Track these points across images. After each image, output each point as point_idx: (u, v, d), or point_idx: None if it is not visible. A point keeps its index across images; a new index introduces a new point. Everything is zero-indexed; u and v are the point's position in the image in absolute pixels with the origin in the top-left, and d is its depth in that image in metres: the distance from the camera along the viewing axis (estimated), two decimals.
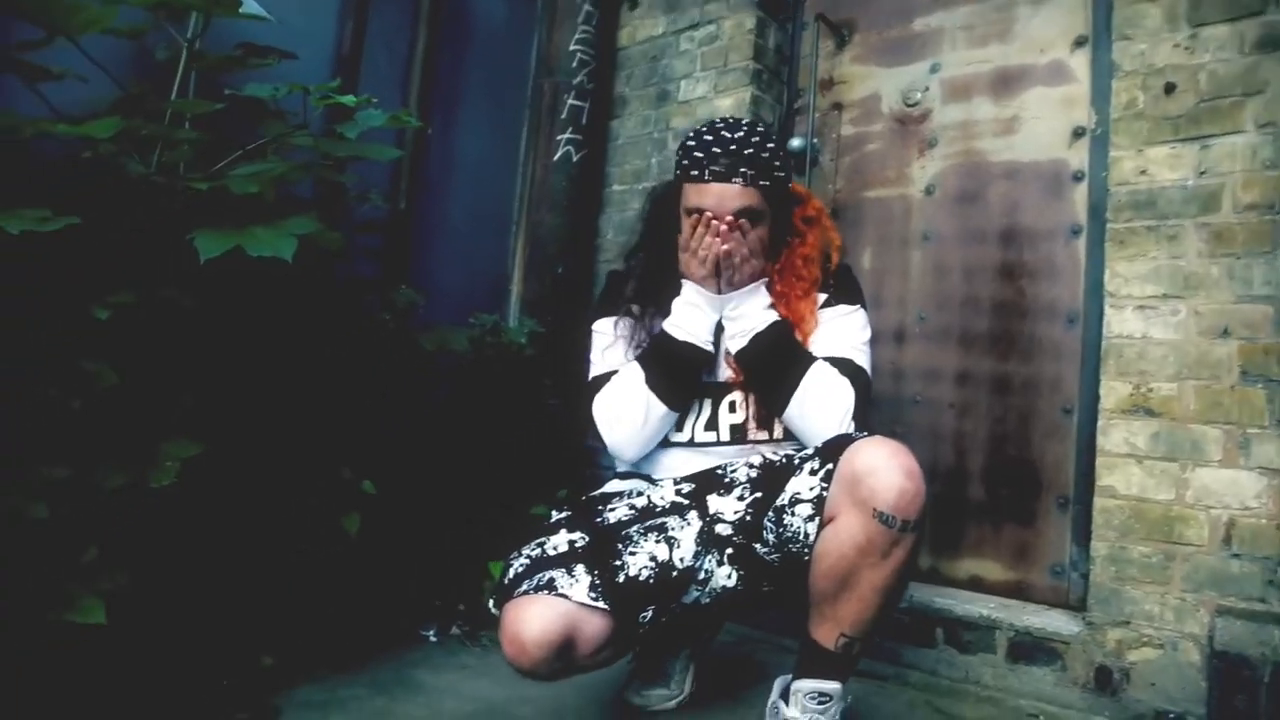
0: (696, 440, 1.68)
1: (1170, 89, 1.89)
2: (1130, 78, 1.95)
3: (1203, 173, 1.83)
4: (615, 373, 1.66)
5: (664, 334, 1.62)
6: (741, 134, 1.56)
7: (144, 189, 1.42)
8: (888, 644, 2.10)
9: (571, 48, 2.88)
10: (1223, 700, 1.64)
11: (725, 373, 1.68)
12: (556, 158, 2.82)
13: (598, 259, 2.93)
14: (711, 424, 1.68)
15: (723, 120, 1.60)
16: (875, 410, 2.40)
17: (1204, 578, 1.72)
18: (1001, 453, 2.20)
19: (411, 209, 2.71)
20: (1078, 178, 2.15)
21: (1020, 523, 2.14)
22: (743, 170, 1.54)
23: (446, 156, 2.92)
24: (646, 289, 1.72)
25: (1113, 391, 1.87)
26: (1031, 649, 1.92)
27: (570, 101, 2.85)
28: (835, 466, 1.42)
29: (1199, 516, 1.74)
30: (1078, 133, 2.17)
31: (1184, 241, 1.83)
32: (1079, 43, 2.21)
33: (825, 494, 1.42)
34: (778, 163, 1.59)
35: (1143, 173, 1.90)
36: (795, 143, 2.63)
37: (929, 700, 1.90)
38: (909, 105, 2.50)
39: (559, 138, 2.84)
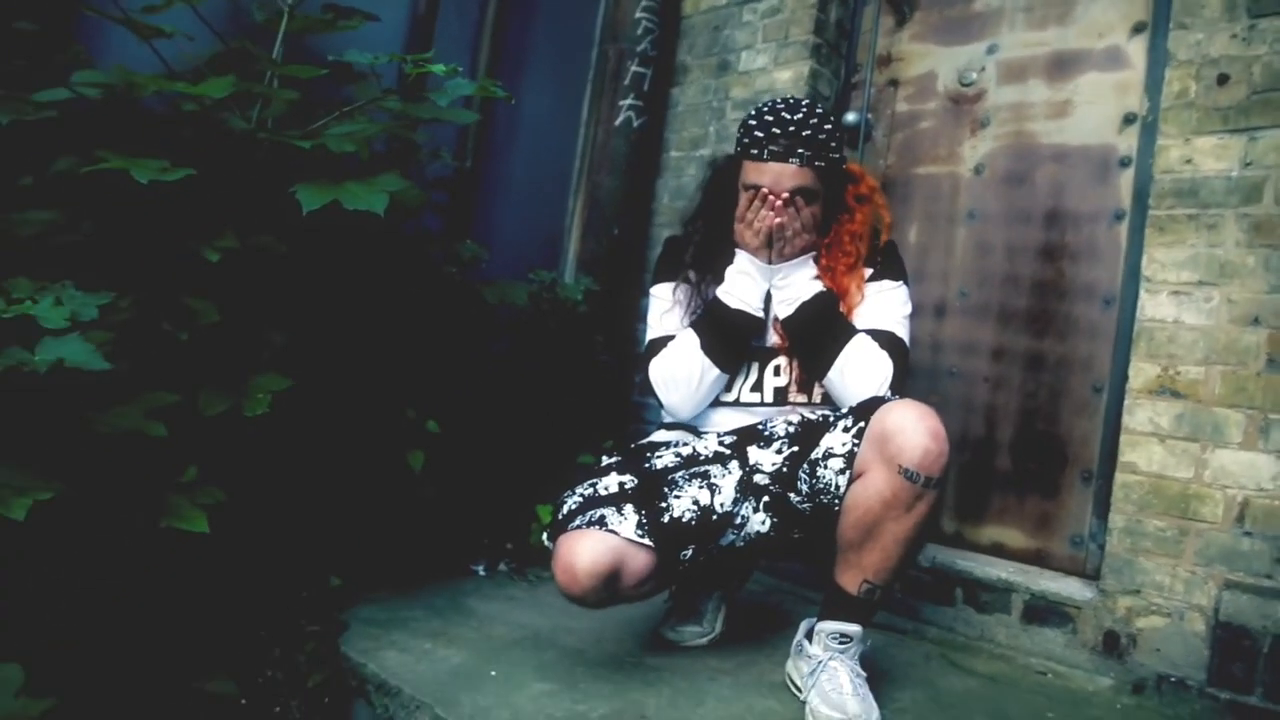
0: (742, 400, 1.80)
1: (1223, 80, 1.93)
2: (1184, 67, 1.99)
3: (1248, 164, 1.88)
4: (672, 337, 1.78)
5: (717, 301, 1.74)
6: (801, 115, 1.65)
7: (248, 144, 1.57)
8: (910, 601, 2.22)
9: (637, 15, 2.96)
10: (1222, 667, 1.74)
11: (772, 338, 1.79)
12: (618, 122, 2.92)
13: (653, 222, 3.04)
14: (757, 386, 1.80)
15: (783, 101, 1.70)
16: (913, 380, 2.49)
17: (1215, 553, 1.81)
18: (1031, 427, 2.29)
19: (477, 167, 2.84)
20: (1125, 163, 2.21)
21: (1044, 494, 2.23)
22: (800, 151, 1.63)
23: (512, 118, 3.04)
24: (703, 257, 1.83)
25: (1141, 372, 1.95)
26: (1045, 612, 2.02)
27: (634, 68, 2.94)
28: (867, 425, 1.53)
29: (1215, 495, 1.82)
30: (1129, 119, 2.22)
31: (1223, 231, 1.89)
32: (1138, 29, 2.25)
33: (856, 450, 1.53)
34: (834, 144, 1.68)
35: (1188, 161, 1.96)
36: (850, 117, 2.70)
37: (944, 654, 2.02)
38: (964, 85, 2.55)
39: (621, 103, 2.94)
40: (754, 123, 1.68)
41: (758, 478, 1.67)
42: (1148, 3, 2.24)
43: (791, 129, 1.64)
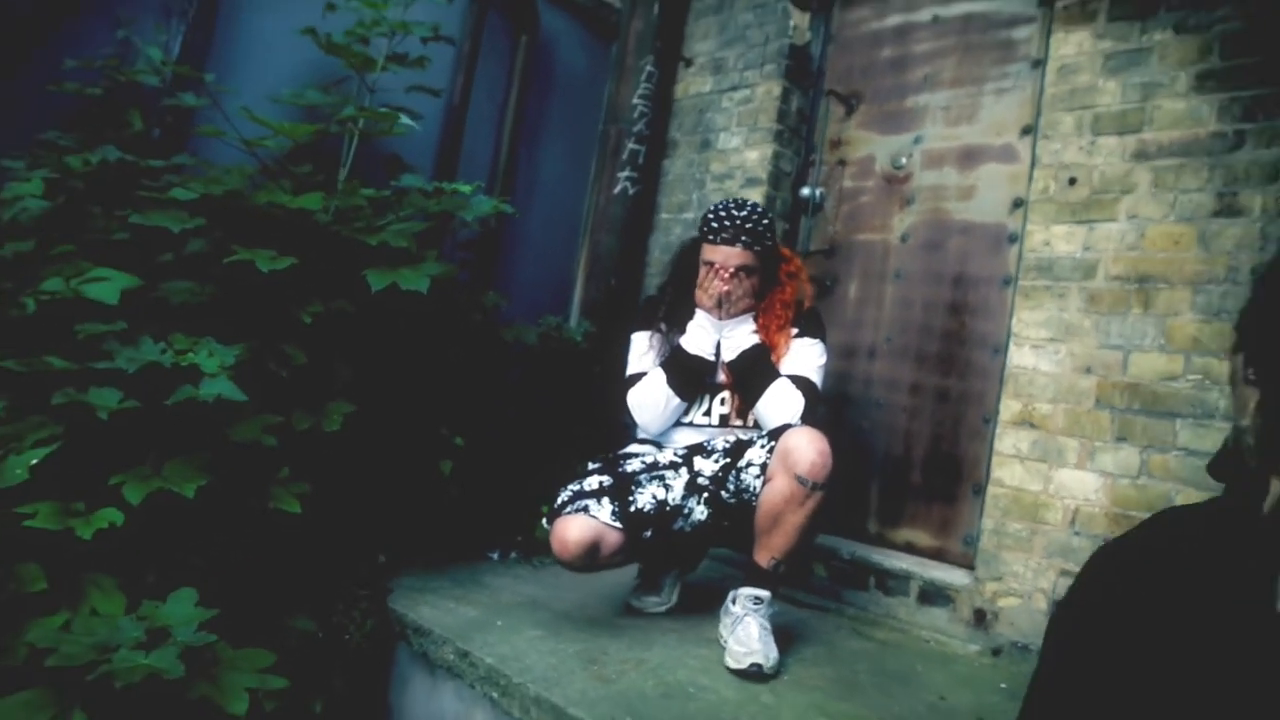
0: (695, 423, 2.38)
1: (1073, 181, 2.49)
2: (1047, 169, 2.56)
3: (1087, 248, 2.43)
4: (645, 374, 2.37)
5: (680, 347, 2.33)
6: (745, 213, 2.24)
7: (331, 237, 2.18)
8: (834, 586, 2.78)
9: (634, 100, 3.57)
10: None
11: (720, 377, 2.37)
12: (616, 191, 3.53)
13: (646, 273, 3.63)
14: (707, 412, 2.38)
15: (734, 201, 2.29)
16: (849, 408, 3.06)
17: (1054, 549, 2.35)
18: (938, 448, 2.84)
19: (500, 226, 3.45)
20: (1012, 239, 2.76)
21: (945, 503, 2.79)
22: (743, 238, 2.22)
23: (528, 182, 3.66)
24: (671, 313, 2.42)
25: (1009, 407, 2.51)
26: (934, 595, 2.57)
27: (630, 145, 3.54)
28: (776, 444, 2.10)
29: (1056, 504, 2.37)
30: (1017, 203, 2.78)
31: (1068, 299, 2.44)
32: (1025, 130, 2.81)
33: (768, 461, 2.11)
34: (769, 235, 2.27)
35: (1047, 244, 2.51)
36: (805, 190, 3.28)
37: (854, 626, 2.58)
38: (896, 168, 3.12)
39: (619, 174, 3.54)
40: (711, 216, 2.27)
41: (700, 480, 2.25)
42: (1033, 111, 2.80)
43: (738, 222, 2.23)
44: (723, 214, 2.25)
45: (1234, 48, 2.26)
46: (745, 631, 2.08)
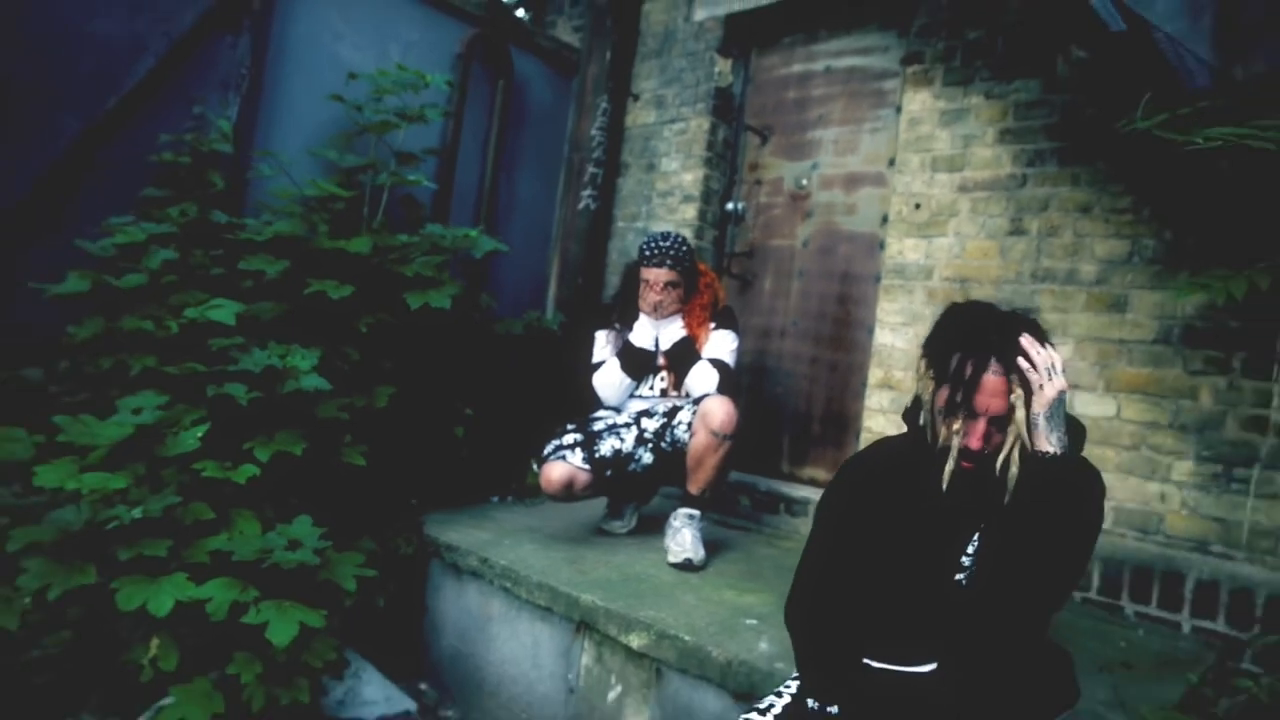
0: (643, 395, 3.25)
1: (918, 206, 3.38)
2: (901, 195, 3.44)
3: (927, 257, 3.33)
4: (604, 362, 3.23)
5: (628, 343, 3.19)
6: (669, 244, 3.10)
7: (379, 269, 3.02)
8: (756, 512, 3.68)
9: (593, 132, 4.40)
10: None
11: (660, 361, 3.24)
12: (580, 206, 4.37)
13: (606, 273, 4.48)
14: (651, 387, 3.25)
15: (661, 234, 3.15)
16: (765, 378, 3.95)
17: None
18: (830, 407, 3.74)
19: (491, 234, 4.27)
20: (881, 247, 3.65)
21: (837, 446, 3.70)
22: (668, 262, 3.08)
23: (508, 202, 4.49)
24: (622, 316, 3.28)
25: (874, 374, 3.41)
26: None
27: (590, 169, 4.38)
28: (698, 408, 2.98)
29: None
30: (884, 219, 3.65)
31: (915, 294, 3.34)
32: (890, 163, 3.68)
33: (693, 420, 2.99)
34: (688, 258, 3.13)
35: (900, 253, 3.40)
36: (730, 205, 4.14)
37: (769, 540, 3.49)
38: (799, 188, 3.99)
39: (582, 193, 4.38)
40: (645, 246, 3.13)
41: (646, 435, 3.12)
42: (896, 148, 3.66)
43: (665, 250, 3.09)
44: (654, 244, 3.12)
45: (1022, 113, 3.15)
46: (681, 537, 2.98)
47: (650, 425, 3.13)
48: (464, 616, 3.06)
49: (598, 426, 3.15)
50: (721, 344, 3.20)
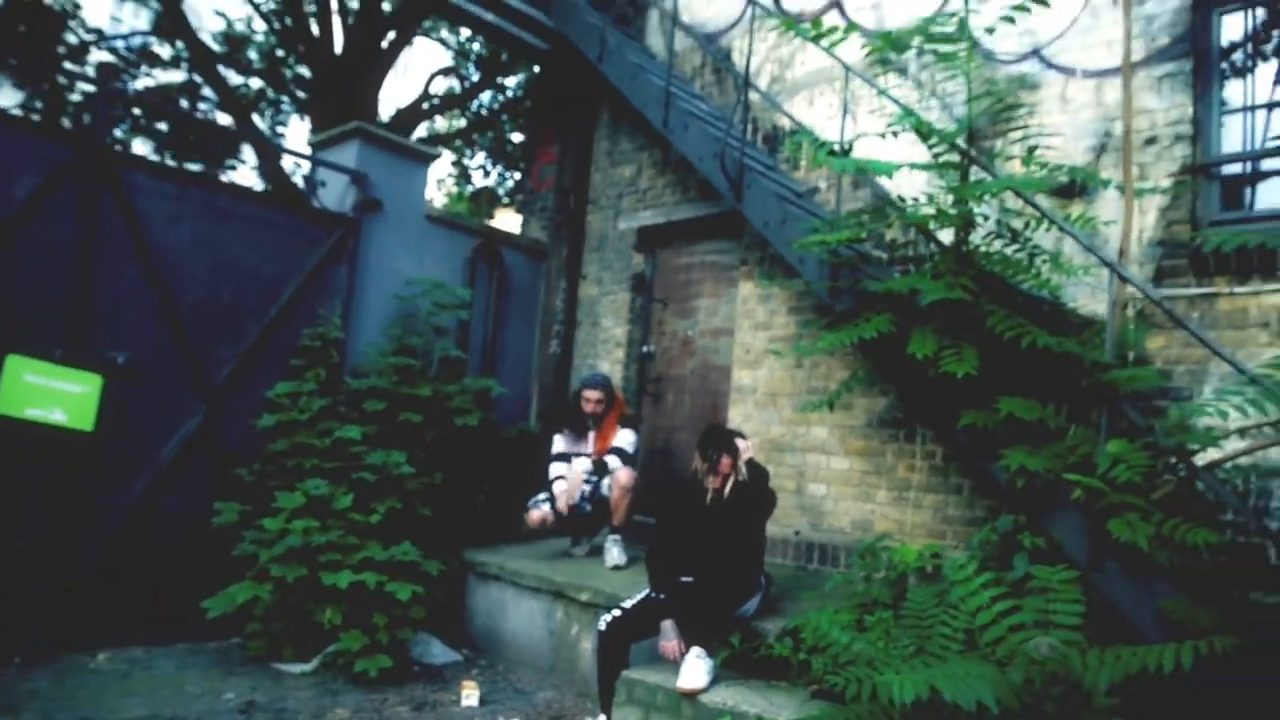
0: (582, 452, 5.54)
1: (747, 351, 5.74)
2: (739, 344, 5.80)
3: (754, 382, 5.67)
4: (558, 454, 5.52)
5: (572, 444, 5.50)
6: (598, 379, 5.44)
7: (436, 404, 5.33)
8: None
9: (557, 303, 6.78)
10: None
11: (591, 445, 5.55)
12: (550, 352, 6.72)
13: (568, 395, 6.80)
14: (588, 454, 5.55)
15: (593, 374, 5.49)
16: (670, 457, 6.24)
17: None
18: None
19: (490, 374, 6.61)
20: (731, 375, 5.99)
21: None
22: (597, 390, 5.42)
23: (503, 351, 6.85)
24: (570, 423, 5.58)
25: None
26: None
27: (556, 327, 6.75)
28: (612, 476, 5.27)
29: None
30: (733, 358, 6.00)
31: (748, 403, 5.67)
32: (735, 323, 6.05)
33: (610, 482, 5.27)
34: (609, 387, 5.48)
35: (740, 378, 5.75)
36: (646, 348, 6.50)
37: None
38: (687, 337, 6.36)
39: (551, 343, 6.73)
40: (584, 380, 5.47)
41: (585, 493, 5.38)
42: (736, 315, 6.03)
43: (596, 380, 5.43)
44: (589, 378, 5.45)
45: (798, 298, 5.54)
46: (612, 553, 5.22)
47: (588, 488, 5.40)
48: (489, 603, 5.27)
49: (558, 487, 5.43)
50: (625, 437, 5.49)
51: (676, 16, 6.21)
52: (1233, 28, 4.53)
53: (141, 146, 13.66)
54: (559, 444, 5.57)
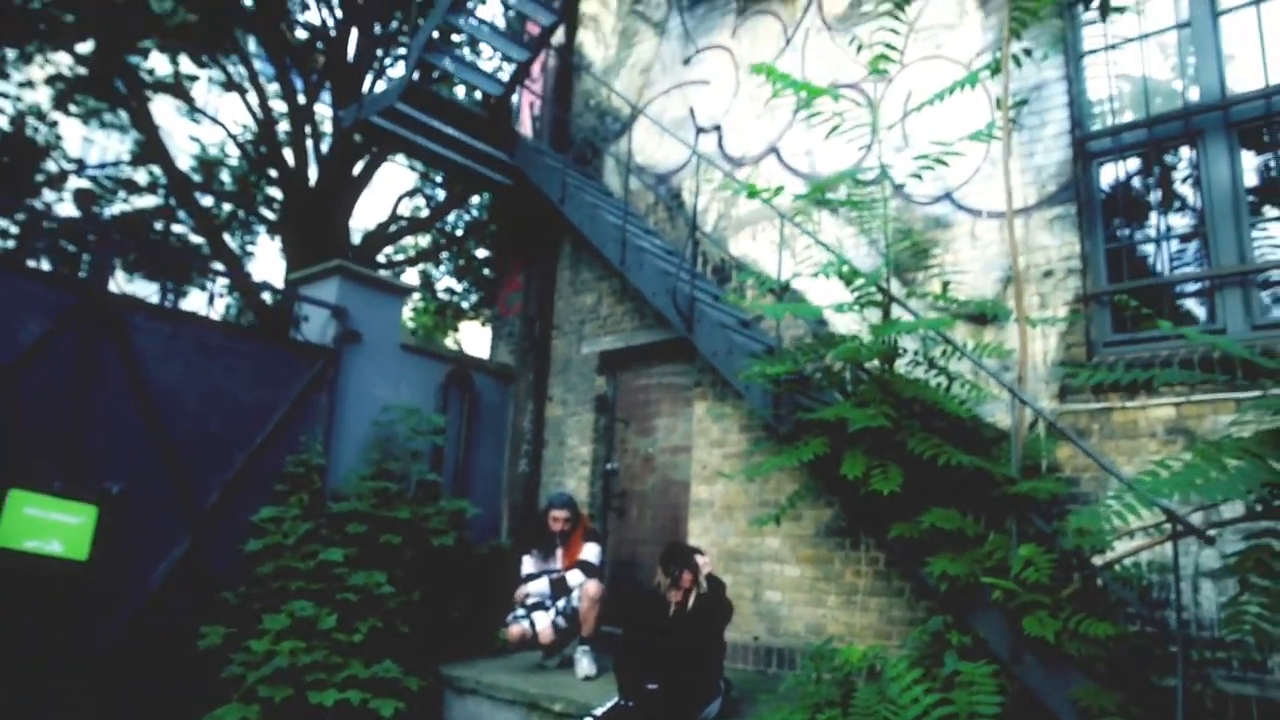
0: (551, 568, 5.88)
1: (704, 466, 6.19)
2: (696, 461, 6.25)
3: (711, 496, 6.10)
4: (526, 574, 5.86)
5: (540, 563, 5.86)
6: (563, 498, 5.85)
7: (415, 526, 5.67)
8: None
9: (525, 424, 7.22)
10: None
11: (559, 560, 5.90)
12: (519, 471, 7.11)
13: (537, 509, 7.16)
14: (554, 569, 5.89)
15: (558, 493, 5.90)
16: (635, 568, 6.60)
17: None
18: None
19: (463, 494, 6.96)
20: (690, 490, 6.42)
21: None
22: (563, 509, 5.81)
23: (473, 469, 7.23)
24: (537, 542, 5.95)
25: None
26: None
27: (525, 447, 7.17)
28: (579, 588, 5.62)
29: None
30: (691, 473, 6.44)
31: (706, 516, 6.08)
32: (692, 440, 6.52)
33: (579, 594, 5.61)
34: (573, 505, 5.87)
35: (698, 493, 6.18)
36: (609, 465, 6.92)
37: None
38: (647, 454, 6.81)
39: (520, 461, 7.14)
40: (550, 499, 5.86)
41: (558, 607, 5.71)
42: (693, 432, 6.51)
43: (562, 501, 5.82)
44: (555, 498, 5.85)
45: (748, 417, 6.03)
46: (581, 662, 5.52)
47: (559, 602, 5.73)
48: (466, 716, 5.51)
49: (531, 602, 5.74)
50: (590, 551, 5.86)
51: (630, 164, 6.90)
52: (1109, 174, 5.28)
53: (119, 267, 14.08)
54: (528, 565, 5.90)
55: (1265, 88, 4.68)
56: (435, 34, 7.22)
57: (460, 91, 13.16)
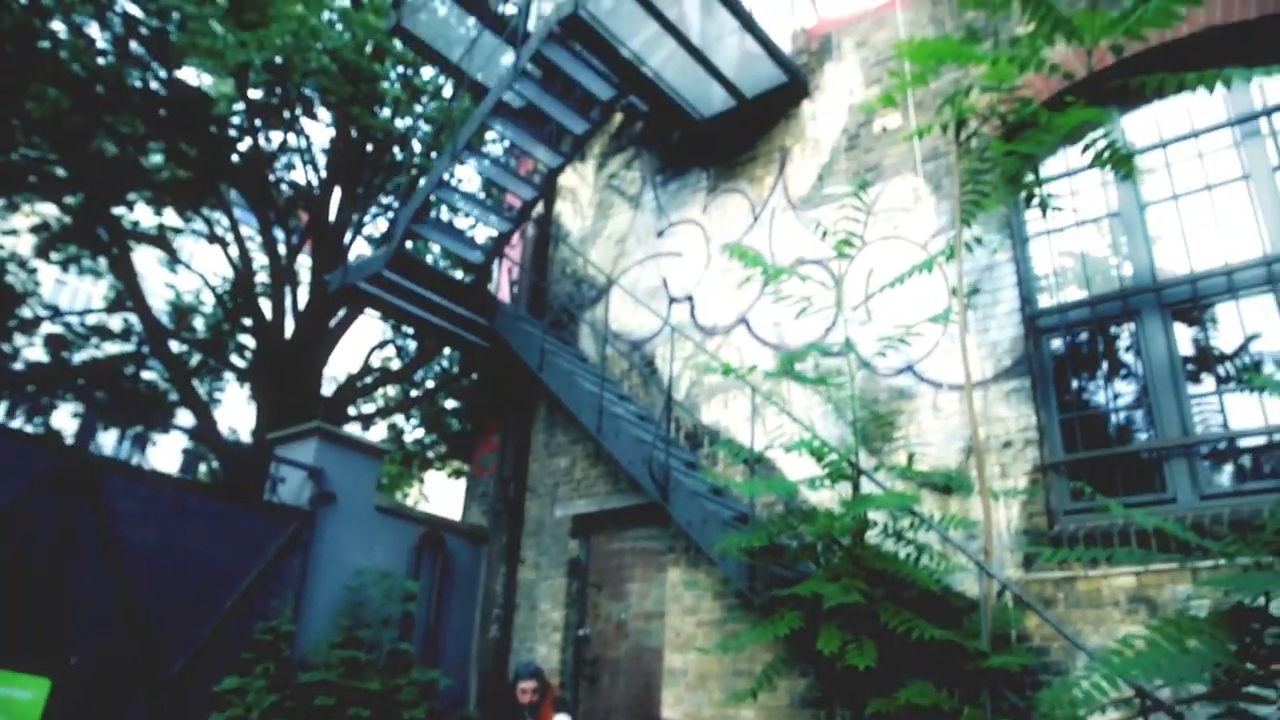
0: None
1: (677, 634, 6.18)
2: (670, 628, 6.24)
3: (684, 663, 6.07)
4: None
5: None
6: (531, 669, 5.79)
7: (385, 697, 5.55)
8: None
9: (498, 587, 7.18)
10: None
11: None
12: (490, 636, 7.03)
13: (507, 675, 7.02)
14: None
15: (524, 663, 5.84)
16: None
17: None
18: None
19: (433, 659, 6.82)
20: (664, 659, 6.37)
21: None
22: (531, 680, 5.74)
23: (444, 631, 7.12)
24: (508, 714, 5.84)
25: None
26: None
27: (496, 611, 7.10)
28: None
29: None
30: (667, 641, 6.41)
31: (680, 686, 6.03)
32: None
33: None
34: (542, 675, 5.81)
35: (672, 661, 6.14)
36: (582, 631, 6.86)
37: None
38: (621, 619, 6.77)
39: (491, 626, 7.05)
40: (519, 668, 5.80)
41: None
42: (662, 596, 6.52)
43: (530, 672, 5.76)
44: (522, 669, 5.79)
45: (721, 585, 6.09)
46: None
47: None
48: None
49: None
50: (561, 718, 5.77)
51: (606, 332, 7.21)
52: (1059, 348, 5.65)
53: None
54: None
55: (1190, 273, 5.12)
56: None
57: (436, 249, 13.65)
